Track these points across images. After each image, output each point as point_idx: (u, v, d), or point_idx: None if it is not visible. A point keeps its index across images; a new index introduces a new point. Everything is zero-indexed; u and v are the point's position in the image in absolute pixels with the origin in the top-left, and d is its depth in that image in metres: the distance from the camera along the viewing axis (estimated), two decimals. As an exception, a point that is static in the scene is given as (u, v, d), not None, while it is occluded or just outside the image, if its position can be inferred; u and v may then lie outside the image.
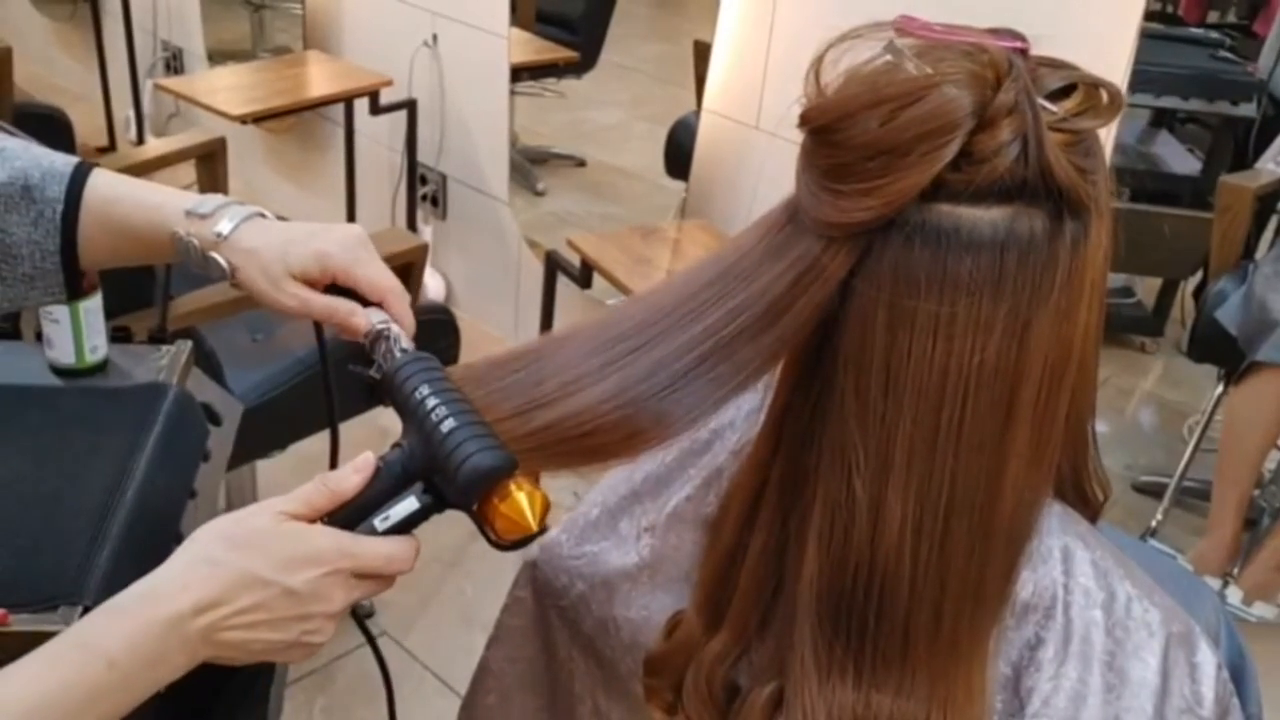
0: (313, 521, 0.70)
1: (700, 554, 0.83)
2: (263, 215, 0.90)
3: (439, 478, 0.70)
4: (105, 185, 0.91)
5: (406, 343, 0.82)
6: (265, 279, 0.86)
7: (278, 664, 1.32)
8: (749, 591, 0.77)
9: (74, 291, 0.94)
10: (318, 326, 0.92)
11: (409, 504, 0.71)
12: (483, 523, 0.69)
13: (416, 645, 2.22)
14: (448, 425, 0.68)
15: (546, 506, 0.68)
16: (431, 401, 0.70)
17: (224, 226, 0.87)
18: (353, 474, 0.71)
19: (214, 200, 0.89)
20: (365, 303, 0.87)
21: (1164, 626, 0.74)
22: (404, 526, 0.72)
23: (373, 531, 0.71)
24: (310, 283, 0.87)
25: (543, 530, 0.68)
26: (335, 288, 0.88)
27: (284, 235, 0.88)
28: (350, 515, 0.72)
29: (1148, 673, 0.72)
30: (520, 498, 0.67)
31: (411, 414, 0.71)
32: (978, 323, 0.63)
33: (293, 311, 0.87)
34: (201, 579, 0.67)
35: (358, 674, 2.11)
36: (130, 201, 0.91)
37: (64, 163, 0.91)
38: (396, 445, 0.72)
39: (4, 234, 0.90)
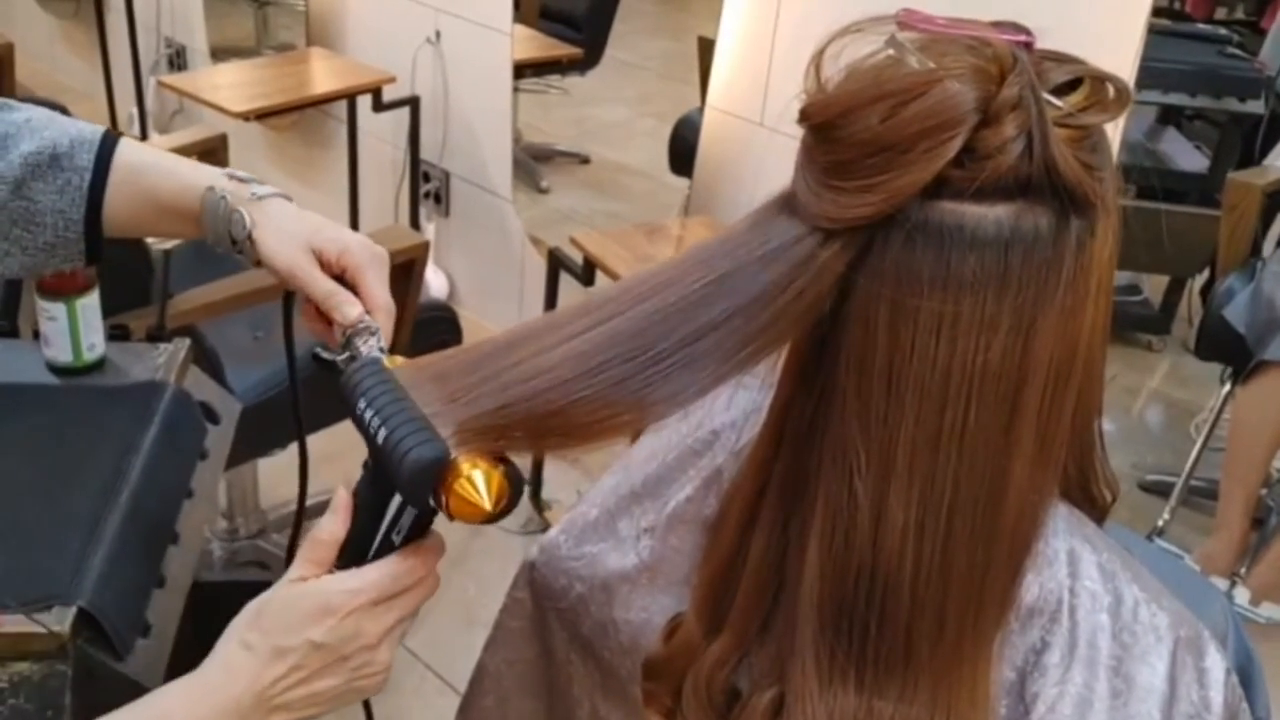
0: (328, 573, 0.73)
1: (700, 556, 0.82)
2: (288, 199, 0.94)
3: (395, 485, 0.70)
4: (133, 153, 0.95)
5: (384, 342, 0.85)
6: (280, 241, 0.90)
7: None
8: (749, 595, 0.76)
9: (94, 259, 0.97)
10: (286, 306, 0.94)
11: (411, 510, 0.72)
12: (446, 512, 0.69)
13: (419, 644, 2.21)
14: (382, 435, 0.68)
15: (503, 486, 0.67)
16: (368, 415, 0.70)
17: (259, 190, 0.92)
18: (335, 517, 0.74)
19: (250, 175, 0.95)
20: None
21: (1172, 631, 0.72)
22: (416, 531, 0.72)
23: (391, 546, 0.73)
24: (321, 265, 0.90)
25: (505, 511, 0.67)
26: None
27: (314, 217, 0.93)
28: (355, 550, 0.73)
29: (1155, 678, 0.71)
30: (475, 476, 0.66)
31: (361, 431, 0.71)
32: (982, 321, 0.62)
33: (297, 279, 0.90)
34: (243, 663, 0.71)
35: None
36: (162, 168, 0.95)
37: (91, 131, 0.94)
38: (365, 466, 0.73)
39: (30, 202, 0.92)
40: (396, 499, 0.71)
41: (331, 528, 0.73)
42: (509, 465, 0.68)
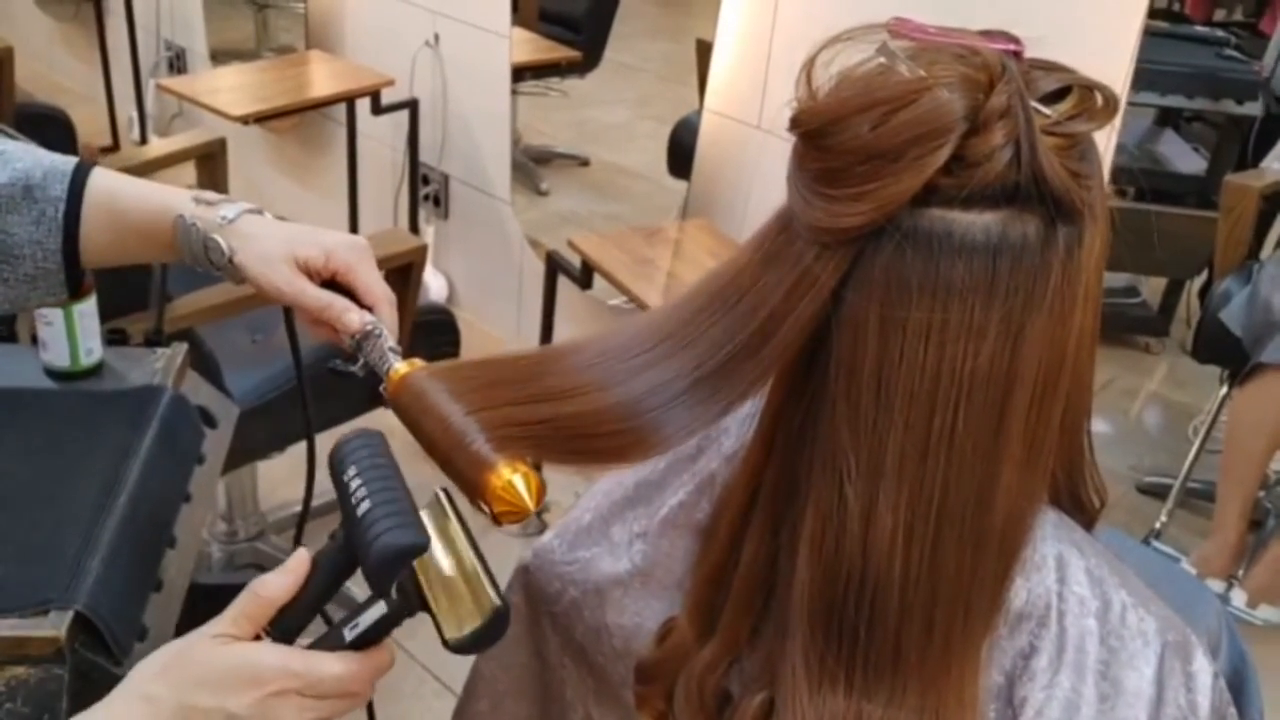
0: (257, 637, 0.67)
1: (693, 560, 0.82)
2: (259, 212, 0.93)
3: (360, 562, 0.67)
4: (106, 181, 0.94)
5: (393, 342, 0.84)
6: (263, 262, 0.89)
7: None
8: (741, 599, 0.76)
9: (75, 291, 0.96)
10: (287, 316, 0.94)
11: (377, 609, 0.68)
12: (433, 617, 0.68)
13: (417, 647, 2.21)
14: (364, 507, 0.66)
15: (541, 487, 0.68)
16: (354, 484, 0.67)
17: (228, 212, 0.91)
18: (285, 576, 0.68)
19: (217, 195, 0.93)
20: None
21: (1159, 635, 0.73)
22: (374, 634, 0.68)
23: (340, 641, 0.67)
24: (310, 274, 0.90)
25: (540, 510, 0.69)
26: (330, 287, 0.90)
27: (290, 227, 0.91)
28: (294, 620, 0.68)
29: (1142, 683, 0.71)
30: (516, 480, 0.67)
31: (341, 500, 0.68)
32: (970, 328, 0.63)
33: (286, 297, 0.89)
34: (138, 716, 0.64)
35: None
36: (132, 195, 0.94)
37: (64, 162, 0.94)
38: (332, 536, 0.70)
39: (6, 235, 0.92)
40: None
41: (278, 588, 0.68)
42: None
